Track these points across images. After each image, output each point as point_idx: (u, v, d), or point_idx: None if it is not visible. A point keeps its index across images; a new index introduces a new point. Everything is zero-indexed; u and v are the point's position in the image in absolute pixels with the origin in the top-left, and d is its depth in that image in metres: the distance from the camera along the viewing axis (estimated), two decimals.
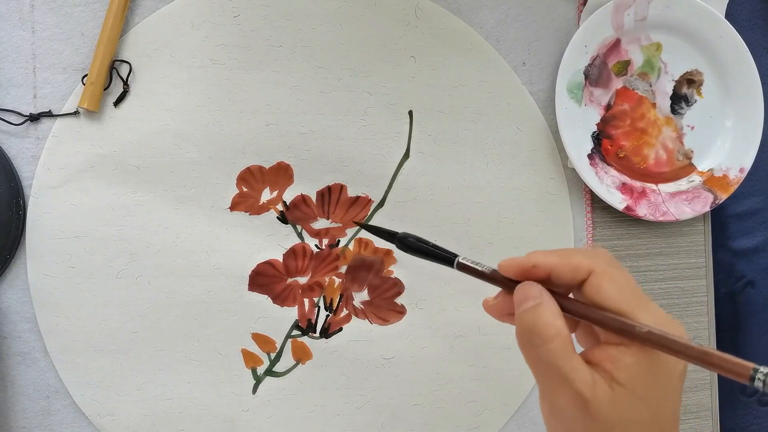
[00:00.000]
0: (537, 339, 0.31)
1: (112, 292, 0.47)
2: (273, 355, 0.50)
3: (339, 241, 0.50)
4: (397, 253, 0.51)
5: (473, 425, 0.52)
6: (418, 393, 0.51)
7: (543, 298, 0.32)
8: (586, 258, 0.33)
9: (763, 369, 0.24)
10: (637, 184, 0.54)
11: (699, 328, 0.57)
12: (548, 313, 0.31)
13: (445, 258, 0.36)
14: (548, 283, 0.33)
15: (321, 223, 0.50)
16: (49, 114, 0.47)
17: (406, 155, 0.51)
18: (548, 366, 0.31)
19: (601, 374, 0.30)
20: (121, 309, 0.47)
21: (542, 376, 0.32)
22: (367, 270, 0.51)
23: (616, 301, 0.31)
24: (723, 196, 0.54)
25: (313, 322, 0.50)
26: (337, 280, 0.50)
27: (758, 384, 0.24)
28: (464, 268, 0.35)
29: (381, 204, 0.51)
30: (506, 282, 0.34)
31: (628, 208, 0.53)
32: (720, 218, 0.63)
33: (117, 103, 0.47)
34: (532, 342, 0.31)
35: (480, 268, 0.34)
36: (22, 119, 0.46)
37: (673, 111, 0.55)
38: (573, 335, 0.33)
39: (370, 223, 0.50)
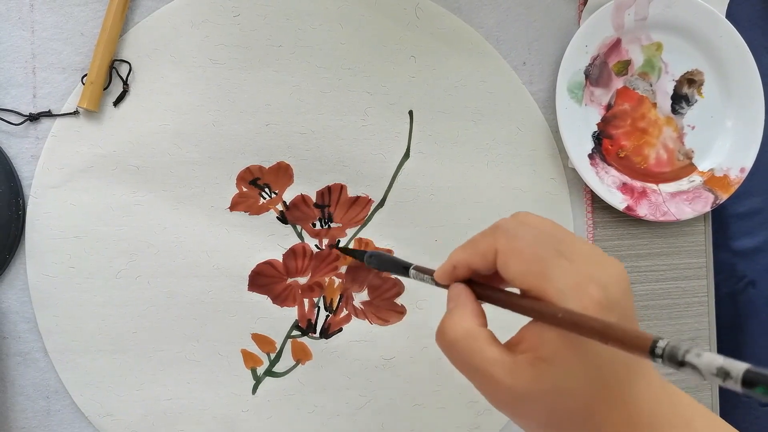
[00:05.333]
0: (444, 343, 0.32)
1: (111, 292, 0.47)
2: (273, 356, 0.50)
3: (339, 241, 0.50)
4: (398, 253, 0.51)
5: (474, 425, 0.52)
6: (418, 393, 0.51)
7: (458, 299, 0.33)
8: (489, 238, 0.33)
9: (664, 340, 0.24)
10: (638, 184, 0.54)
11: (700, 328, 0.57)
12: (455, 316, 0.32)
13: (403, 268, 0.39)
14: (478, 276, 0.34)
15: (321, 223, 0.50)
16: (48, 114, 0.46)
17: (406, 155, 0.51)
18: (464, 365, 0.32)
19: (526, 354, 0.30)
20: (120, 309, 0.47)
21: (466, 374, 0.32)
22: (367, 270, 0.51)
23: (521, 279, 0.31)
24: (724, 196, 0.54)
25: (313, 322, 0.50)
26: (337, 281, 0.50)
27: (658, 351, 0.24)
28: (416, 276, 0.38)
29: (381, 204, 0.51)
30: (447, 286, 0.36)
31: (628, 208, 0.53)
32: (721, 218, 0.63)
33: (117, 102, 0.47)
34: (443, 348, 0.33)
35: (426, 281, 0.37)
36: (21, 119, 0.46)
37: (674, 111, 0.55)
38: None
39: (371, 222, 0.50)
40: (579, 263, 0.31)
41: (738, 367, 0.21)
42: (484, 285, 0.34)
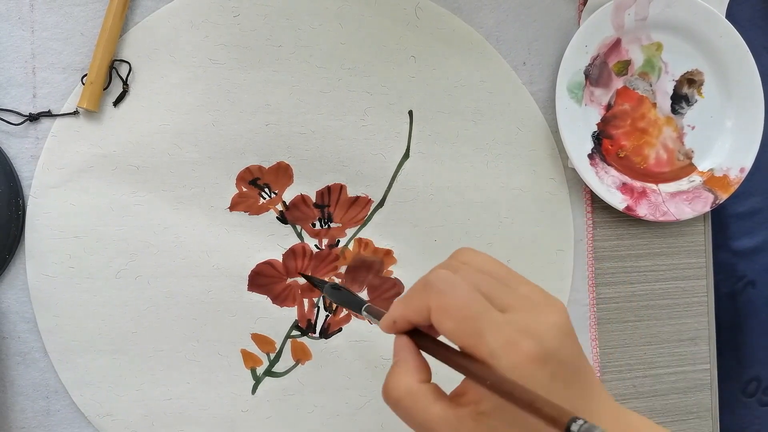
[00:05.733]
0: (389, 401, 0.32)
1: (111, 292, 0.47)
2: (272, 356, 0.50)
3: (339, 241, 0.50)
4: (397, 253, 0.51)
5: None
6: None
7: (400, 354, 0.33)
8: (421, 295, 0.32)
9: (579, 421, 0.24)
10: (638, 184, 0.54)
11: (699, 328, 0.57)
12: (396, 373, 0.32)
13: (358, 306, 0.39)
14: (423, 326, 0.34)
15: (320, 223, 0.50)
16: (48, 114, 0.46)
17: (406, 155, 0.51)
18: (410, 422, 0.32)
19: (468, 408, 0.30)
20: (120, 309, 0.47)
21: (415, 430, 0.32)
22: (367, 270, 0.51)
23: (454, 338, 0.30)
24: (723, 196, 0.54)
25: (313, 322, 0.50)
26: (337, 281, 0.50)
27: None
28: (368, 317, 0.38)
29: (381, 204, 0.51)
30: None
31: (628, 208, 0.53)
32: (720, 218, 0.63)
33: (116, 102, 0.47)
34: (388, 405, 0.32)
35: (375, 324, 0.36)
36: (21, 119, 0.46)
37: (674, 111, 0.55)
38: None
39: (371, 222, 0.50)
40: (513, 313, 0.30)
41: None
42: (427, 337, 0.34)
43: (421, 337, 0.34)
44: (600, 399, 0.31)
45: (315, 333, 0.50)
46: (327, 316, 0.50)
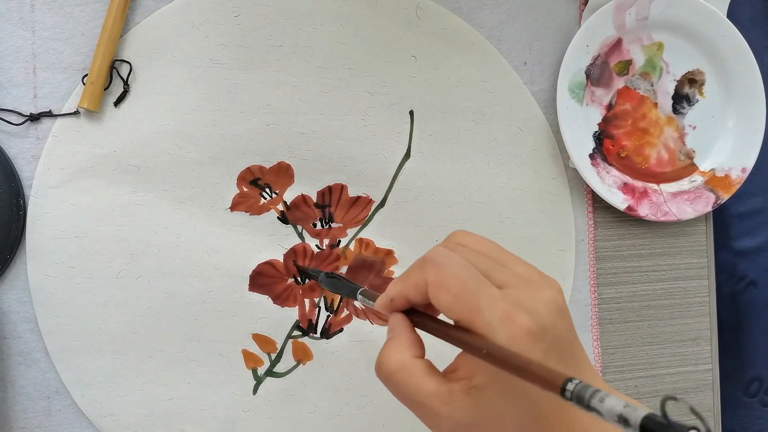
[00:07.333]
0: (381, 376, 0.32)
1: (112, 292, 0.47)
2: (273, 356, 0.50)
3: (340, 241, 0.50)
4: (398, 253, 0.51)
5: None
6: None
7: (395, 330, 0.33)
8: (419, 271, 0.32)
9: (575, 380, 0.24)
10: (639, 184, 0.54)
11: (701, 328, 0.57)
12: (389, 348, 0.32)
13: (354, 291, 0.39)
14: (420, 305, 0.34)
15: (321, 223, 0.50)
16: (49, 114, 0.46)
17: (407, 155, 0.51)
18: (402, 398, 0.32)
19: (461, 382, 0.30)
20: (121, 309, 0.47)
21: (407, 406, 0.32)
22: (368, 270, 0.51)
23: (450, 311, 0.31)
24: (725, 196, 0.54)
25: (314, 322, 0.50)
26: None
27: (567, 394, 0.24)
28: (363, 301, 0.38)
29: (382, 204, 0.51)
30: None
31: (629, 208, 0.53)
32: (722, 218, 0.63)
33: (117, 103, 0.47)
34: (381, 381, 0.32)
35: (372, 306, 0.36)
36: (22, 119, 0.46)
37: (675, 111, 0.55)
38: None
39: (372, 222, 0.50)
40: (509, 289, 0.30)
41: (635, 414, 0.21)
42: (422, 314, 0.34)
43: (417, 315, 0.34)
44: (592, 376, 0.32)
45: (316, 333, 0.50)
46: (328, 316, 0.50)
